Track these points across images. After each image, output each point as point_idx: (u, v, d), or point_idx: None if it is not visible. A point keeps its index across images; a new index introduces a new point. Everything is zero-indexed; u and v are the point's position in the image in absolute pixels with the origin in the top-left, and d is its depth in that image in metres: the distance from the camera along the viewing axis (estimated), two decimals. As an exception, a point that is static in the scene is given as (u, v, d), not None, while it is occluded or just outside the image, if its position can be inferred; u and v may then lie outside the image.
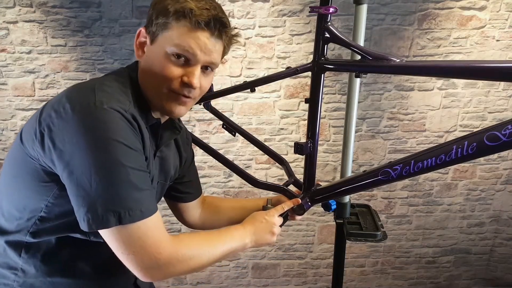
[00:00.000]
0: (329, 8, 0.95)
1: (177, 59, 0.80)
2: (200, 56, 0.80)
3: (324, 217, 2.92)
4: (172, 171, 1.04)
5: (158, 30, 0.80)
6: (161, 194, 1.05)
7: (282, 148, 2.71)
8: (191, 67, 0.81)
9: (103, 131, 0.69)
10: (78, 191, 0.70)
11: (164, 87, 0.82)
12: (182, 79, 0.81)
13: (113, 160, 0.69)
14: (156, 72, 0.81)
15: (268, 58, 2.54)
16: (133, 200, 0.71)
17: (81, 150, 0.69)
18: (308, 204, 1.08)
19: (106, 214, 0.69)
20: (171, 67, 0.80)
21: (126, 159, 0.70)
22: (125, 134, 0.71)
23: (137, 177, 0.72)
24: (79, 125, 0.69)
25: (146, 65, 0.83)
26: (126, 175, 0.70)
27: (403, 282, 3.17)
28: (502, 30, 2.50)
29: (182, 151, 1.08)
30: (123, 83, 0.83)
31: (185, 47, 0.78)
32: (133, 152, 0.73)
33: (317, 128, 1.04)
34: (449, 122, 2.71)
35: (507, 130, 0.68)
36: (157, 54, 0.80)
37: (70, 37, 2.46)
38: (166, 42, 0.79)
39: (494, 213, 2.96)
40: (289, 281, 3.13)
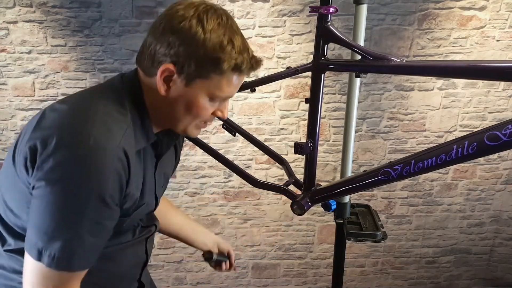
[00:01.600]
0: (329, 8, 0.95)
1: (216, 101, 0.81)
2: (234, 93, 0.83)
3: (324, 217, 2.92)
4: (171, 170, 1.04)
5: (197, 76, 0.75)
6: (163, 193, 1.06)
7: (282, 148, 2.71)
8: (225, 103, 0.84)
9: (81, 176, 0.67)
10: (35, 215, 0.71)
11: (195, 121, 0.82)
12: (216, 113, 0.83)
13: (75, 207, 0.68)
14: (191, 111, 0.79)
15: (268, 58, 2.54)
16: (69, 249, 0.70)
17: (53, 185, 0.68)
18: (308, 204, 1.08)
19: (45, 252, 0.69)
20: (209, 108, 0.80)
21: (92, 212, 0.69)
22: (104, 183, 0.69)
23: (95, 231, 0.71)
24: (60, 162, 0.67)
25: (174, 100, 0.78)
26: (84, 227, 0.69)
27: (403, 282, 3.17)
28: (502, 30, 2.50)
29: (178, 146, 1.07)
30: (122, 102, 0.78)
31: (227, 95, 0.80)
32: (104, 205, 0.70)
33: (317, 128, 1.04)
34: (449, 122, 2.70)
35: (507, 130, 0.68)
36: (194, 95, 0.78)
37: (70, 37, 2.46)
38: (208, 88, 0.77)
39: (494, 213, 2.96)
40: (289, 281, 3.13)
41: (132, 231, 0.94)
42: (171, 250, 2.95)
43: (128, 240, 0.93)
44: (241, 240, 2.97)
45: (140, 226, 0.97)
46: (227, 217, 2.91)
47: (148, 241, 1.03)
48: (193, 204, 2.86)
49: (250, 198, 2.87)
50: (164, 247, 2.93)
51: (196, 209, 2.87)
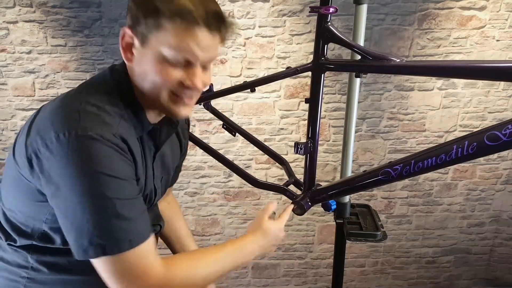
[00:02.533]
0: (329, 8, 0.95)
1: (175, 62, 0.74)
2: (201, 55, 0.74)
3: (324, 217, 2.92)
4: (175, 162, 1.02)
5: (149, 31, 0.72)
6: (166, 186, 1.04)
7: (282, 148, 2.71)
8: (192, 68, 0.75)
9: (88, 163, 0.68)
10: (65, 219, 0.71)
11: (165, 92, 0.76)
12: (184, 82, 0.76)
13: (98, 193, 0.68)
14: (154, 77, 0.75)
15: (268, 58, 2.54)
16: (121, 231, 0.70)
17: (66, 182, 0.68)
18: (308, 204, 1.08)
19: (91, 246, 0.69)
20: (171, 70, 0.74)
21: (111, 191, 0.69)
22: (110, 164, 0.69)
23: (124, 207, 0.71)
24: (64, 156, 0.68)
25: (140, 69, 0.77)
26: (112, 208, 0.69)
27: (403, 282, 3.17)
28: (502, 30, 2.50)
29: (182, 138, 1.04)
30: (111, 93, 0.78)
31: (184, 49, 0.72)
32: (120, 182, 0.71)
33: (317, 128, 1.04)
34: (449, 122, 2.71)
35: (507, 130, 0.68)
36: (152, 57, 0.73)
37: (70, 37, 2.46)
38: (161, 44, 0.72)
39: (494, 213, 2.96)
40: (289, 281, 3.13)
41: None
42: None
43: None
44: (241, 240, 2.97)
45: None
46: (227, 217, 2.91)
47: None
48: (193, 204, 2.86)
49: (250, 198, 2.87)
50: (164, 247, 2.92)
51: (196, 209, 2.87)
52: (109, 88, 0.79)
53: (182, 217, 1.26)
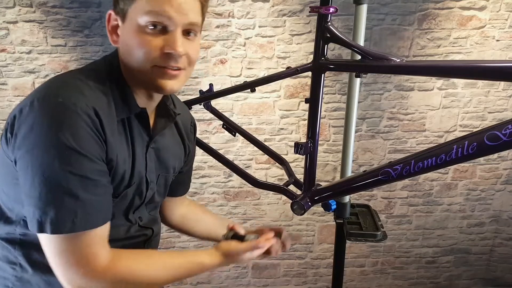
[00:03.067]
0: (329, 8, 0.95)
1: (153, 29, 0.72)
2: (177, 18, 0.72)
3: (324, 217, 2.92)
4: (176, 162, 0.99)
5: (126, 5, 0.73)
6: (166, 187, 1.01)
7: (282, 148, 2.71)
8: (170, 33, 0.73)
9: (53, 131, 0.66)
10: (23, 187, 0.70)
11: (147, 64, 0.74)
12: (164, 49, 0.73)
13: (56, 164, 0.66)
14: (134, 50, 0.74)
15: (268, 58, 2.54)
16: (66, 210, 0.67)
17: (29, 147, 0.67)
18: (308, 204, 1.08)
19: (34, 219, 0.68)
20: (148, 38, 0.72)
21: (70, 165, 0.67)
22: (76, 137, 0.67)
23: (79, 185, 0.68)
24: (32, 120, 0.67)
25: (123, 47, 0.77)
26: (66, 182, 0.67)
27: (403, 282, 3.17)
28: (502, 30, 2.50)
29: (186, 140, 1.02)
30: (100, 73, 0.78)
31: (158, 12, 0.71)
32: (82, 158, 0.68)
33: (317, 128, 1.04)
34: (449, 122, 2.71)
35: (507, 130, 0.68)
36: (131, 30, 0.73)
37: (70, 37, 2.46)
38: (137, 14, 0.72)
39: (494, 213, 2.96)
40: (289, 281, 3.13)
41: (127, 228, 0.90)
42: (171, 250, 2.95)
43: (121, 237, 0.89)
44: (241, 240, 2.97)
45: (137, 224, 0.93)
46: (227, 217, 2.91)
47: (147, 246, 0.98)
48: (193, 204, 2.86)
49: (250, 198, 2.87)
50: (164, 247, 2.93)
51: (196, 209, 2.87)
52: (99, 69, 0.80)
53: (209, 213, 1.24)
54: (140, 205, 0.92)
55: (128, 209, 0.89)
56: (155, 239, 1.02)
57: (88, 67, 0.82)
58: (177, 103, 0.99)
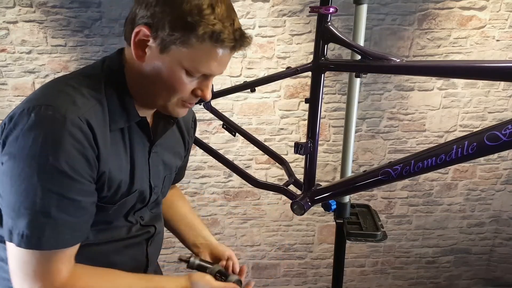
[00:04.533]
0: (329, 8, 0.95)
1: (194, 75, 0.74)
2: (218, 71, 0.76)
3: (324, 217, 2.92)
4: (177, 160, 0.99)
5: (173, 42, 0.69)
6: (169, 186, 1.02)
7: (282, 148, 2.71)
8: (206, 81, 0.77)
9: (38, 145, 0.64)
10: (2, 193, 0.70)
11: (175, 98, 0.76)
12: (195, 92, 0.77)
13: (35, 179, 0.65)
14: (167, 84, 0.74)
15: (268, 58, 2.54)
16: (35, 226, 0.66)
17: (13, 156, 0.66)
18: (308, 204, 1.08)
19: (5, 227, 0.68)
20: (188, 82, 0.74)
21: (49, 183, 0.65)
22: (61, 155, 0.65)
23: (55, 203, 0.67)
24: (20, 130, 0.66)
25: (151, 71, 0.74)
26: (41, 198, 0.65)
27: (403, 282, 3.17)
28: (502, 30, 2.50)
29: (186, 136, 1.01)
30: (96, 79, 0.76)
31: (207, 69, 0.73)
32: (63, 177, 0.66)
33: (317, 128, 1.04)
34: (449, 122, 2.70)
35: (507, 130, 0.68)
36: (170, 66, 0.72)
37: (70, 37, 2.46)
38: (184, 59, 0.71)
39: (494, 213, 2.96)
40: (289, 281, 3.13)
41: (127, 228, 0.89)
42: (171, 250, 2.95)
43: (122, 237, 0.89)
44: (241, 240, 2.97)
45: (138, 223, 0.93)
46: (227, 217, 2.91)
47: (150, 244, 0.97)
48: (193, 204, 2.86)
49: (250, 198, 2.87)
50: (164, 247, 2.92)
51: (196, 209, 2.87)
52: (96, 74, 0.77)
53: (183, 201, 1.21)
54: (142, 207, 0.92)
55: (128, 213, 0.89)
56: (157, 237, 1.00)
57: (84, 71, 0.79)
58: None
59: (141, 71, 0.75)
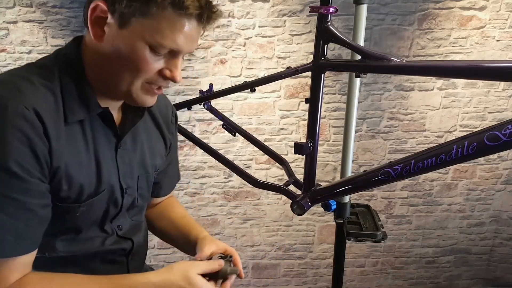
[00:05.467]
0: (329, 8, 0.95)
1: (159, 51, 0.67)
2: (186, 48, 0.68)
3: (324, 217, 2.92)
4: (156, 159, 0.90)
5: (133, 14, 0.63)
6: (149, 188, 0.91)
7: (282, 148, 2.71)
8: (175, 59, 0.69)
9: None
10: None
11: (139, 80, 0.69)
12: (164, 72, 0.69)
13: None
14: (130, 63, 0.67)
15: (268, 58, 2.54)
16: None
17: None
18: (308, 204, 1.08)
19: None
20: (152, 60, 0.67)
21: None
22: (6, 150, 0.59)
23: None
24: None
25: (110, 51, 0.67)
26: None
27: (403, 282, 3.17)
28: (502, 30, 2.50)
29: (166, 133, 0.92)
30: (49, 69, 0.69)
31: (172, 40, 0.65)
32: (4, 174, 0.60)
33: (317, 128, 1.04)
34: (449, 122, 2.71)
35: (507, 130, 0.68)
36: (131, 42, 0.65)
37: (70, 37, 2.45)
38: (146, 31, 0.64)
39: (494, 213, 2.96)
40: (289, 281, 3.13)
41: (101, 240, 0.82)
42: (171, 250, 2.95)
43: (96, 249, 0.81)
44: (241, 240, 2.97)
45: (115, 234, 0.84)
46: (227, 217, 2.91)
47: (131, 259, 0.88)
48: (193, 204, 2.86)
49: (250, 198, 2.87)
50: (164, 247, 2.93)
51: (196, 209, 2.87)
52: (49, 64, 0.71)
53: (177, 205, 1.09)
54: (118, 213, 0.84)
55: (104, 219, 0.81)
56: (139, 250, 0.90)
57: (37, 62, 0.72)
58: None
59: (100, 53, 0.69)
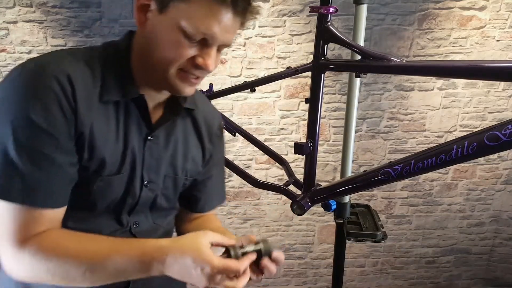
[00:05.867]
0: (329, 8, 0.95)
1: (193, 37, 0.68)
2: (221, 38, 0.69)
3: (324, 217, 2.92)
4: (188, 163, 0.88)
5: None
6: (175, 192, 0.89)
7: (282, 148, 2.71)
8: (208, 48, 0.70)
9: (12, 95, 0.65)
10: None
11: (173, 66, 0.70)
12: (196, 60, 0.70)
13: (7, 129, 0.64)
14: (165, 48, 0.69)
15: (268, 58, 2.54)
16: (6, 175, 0.64)
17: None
18: (308, 204, 1.08)
19: None
20: (185, 45, 0.68)
21: (20, 133, 0.64)
22: (36, 104, 0.64)
23: (24, 155, 0.64)
24: (2, 84, 0.67)
25: (151, 36, 0.71)
26: (10, 148, 0.64)
27: (403, 282, 3.17)
28: (502, 30, 2.50)
29: (206, 143, 0.90)
30: (97, 50, 0.75)
31: (206, 27, 0.67)
32: (35, 127, 0.64)
33: (317, 128, 1.04)
34: (449, 122, 2.71)
35: (507, 130, 0.68)
36: (168, 27, 0.68)
37: (70, 37, 2.46)
38: (182, 16, 0.66)
39: (494, 213, 2.96)
40: (289, 281, 3.13)
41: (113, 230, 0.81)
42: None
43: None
44: (241, 240, 2.97)
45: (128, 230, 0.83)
46: (227, 217, 2.91)
47: None
48: (193, 204, 2.86)
49: (250, 198, 2.87)
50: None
51: (196, 209, 2.87)
52: (98, 48, 0.77)
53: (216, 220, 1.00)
54: (135, 205, 0.82)
55: (120, 208, 0.81)
56: None
57: (88, 46, 0.79)
58: (198, 100, 0.90)
59: (143, 40, 0.73)
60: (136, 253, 0.68)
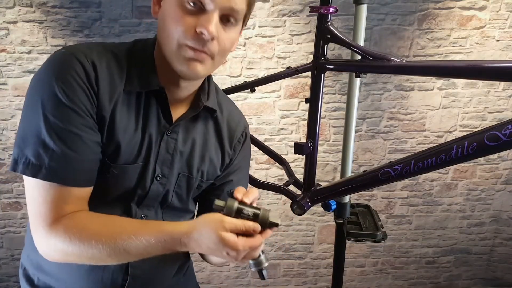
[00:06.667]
0: (329, 8, 0.95)
1: (192, 7, 0.68)
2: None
3: (324, 217, 2.92)
4: (205, 165, 0.88)
5: None
6: (189, 192, 0.89)
7: (282, 148, 2.71)
8: (207, 13, 0.68)
9: (44, 77, 0.69)
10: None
11: (176, 41, 0.70)
12: (196, 28, 0.68)
13: (39, 108, 0.68)
14: (168, 25, 0.70)
15: (268, 58, 2.54)
16: (38, 153, 0.67)
17: (28, 89, 0.71)
18: (308, 204, 1.08)
19: (17, 157, 0.69)
20: (183, 15, 0.68)
21: (51, 112, 0.67)
22: (65, 85, 0.68)
23: (53, 133, 0.67)
24: (37, 70, 0.72)
25: (160, 20, 0.73)
26: (42, 127, 0.67)
27: (403, 282, 3.17)
28: (502, 30, 2.50)
29: (227, 147, 0.91)
30: (125, 45, 0.80)
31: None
32: (64, 107, 0.68)
33: (317, 128, 1.04)
34: (449, 122, 2.71)
35: (507, 130, 0.68)
36: (171, 3, 0.70)
37: (70, 37, 2.46)
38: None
39: (494, 213, 2.96)
40: (289, 281, 3.13)
41: None
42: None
43: None
44: (241, 240, 2.97)
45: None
46: (227, 217, 2.91)
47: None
48: (193, 204, 2.86)
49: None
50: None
51: (196, 209, 2.87)
52: (126, 43, 0.81)
53: None
54: (144, 197, 0.83)
55: (131, 198, 0.82)
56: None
57: (121, 42, 0.83)
58: (224, 103, 0.92)
59: (159, 29, 0.75)
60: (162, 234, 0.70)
